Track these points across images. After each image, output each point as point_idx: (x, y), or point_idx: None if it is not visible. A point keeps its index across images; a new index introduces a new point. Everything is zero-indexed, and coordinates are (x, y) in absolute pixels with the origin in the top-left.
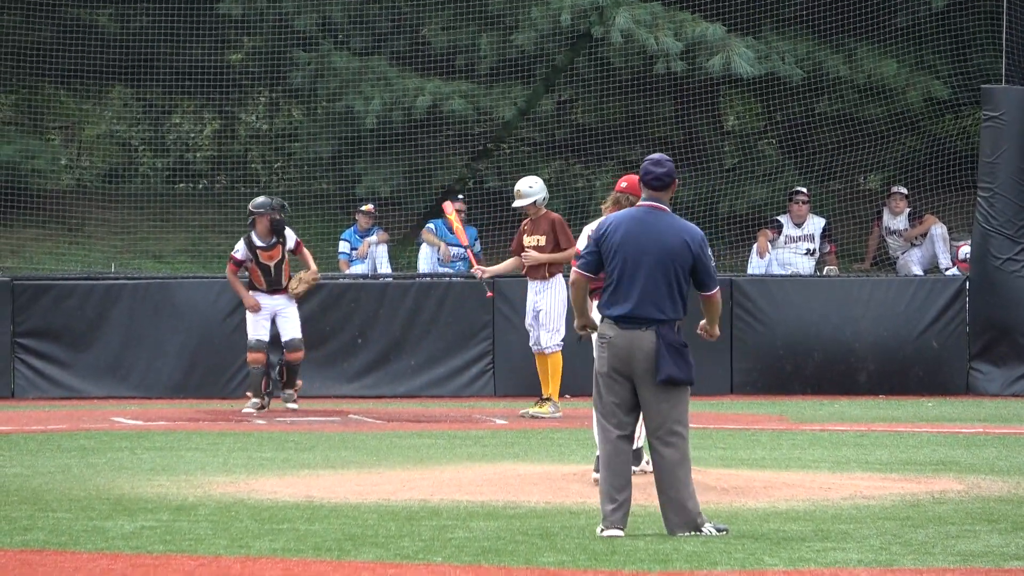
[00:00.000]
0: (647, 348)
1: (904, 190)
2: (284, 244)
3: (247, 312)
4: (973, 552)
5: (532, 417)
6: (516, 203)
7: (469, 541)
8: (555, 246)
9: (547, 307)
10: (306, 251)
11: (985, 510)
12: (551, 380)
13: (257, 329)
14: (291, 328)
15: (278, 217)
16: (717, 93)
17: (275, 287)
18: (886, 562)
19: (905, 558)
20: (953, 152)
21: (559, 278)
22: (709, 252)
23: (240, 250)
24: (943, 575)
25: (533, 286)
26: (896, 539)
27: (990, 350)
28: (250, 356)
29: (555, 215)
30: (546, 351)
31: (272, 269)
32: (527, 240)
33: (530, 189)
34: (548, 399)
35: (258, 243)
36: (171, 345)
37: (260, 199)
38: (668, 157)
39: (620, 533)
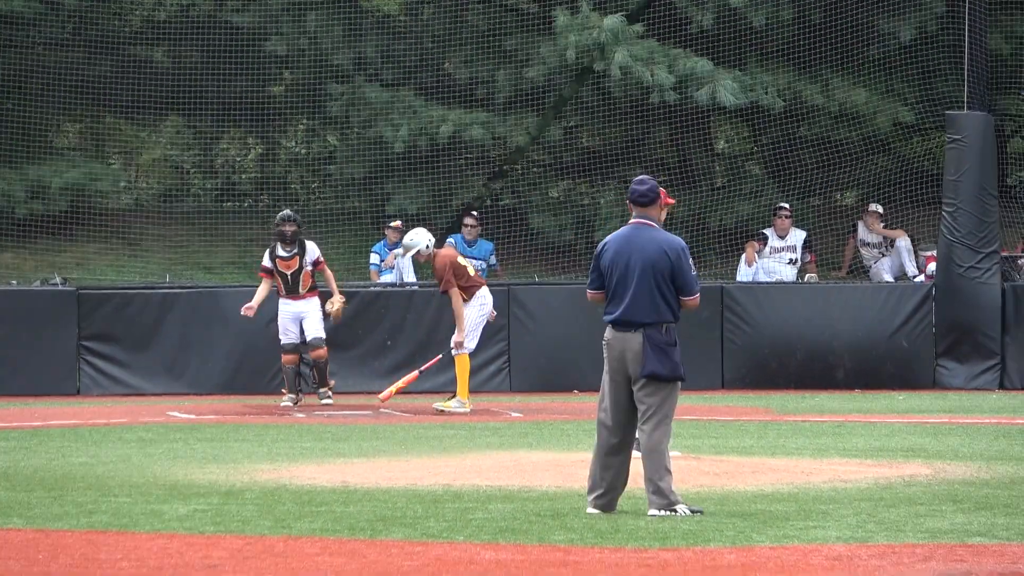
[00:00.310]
0: (636, 348)
1: (880, 209)
2: (302, 256)
3: (278, 319)
4: (940, 529)
5: (439, 411)
6: (407, 255)
7: (488, 521)
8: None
9: (465, 316)
10: (328, 272)
11: (950, 492)
12: (458, 379)
13: (287, 335)
14: (313, 329)
15: (297, 228)
16: (708, 120)
17: (293, 293)
18: (862, 538)
19: (879, 535)
20: (920, 171)
21: (477, 295)
22: (689, 261)
23: (266, 259)
24: (913, 550)
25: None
26: (871, 518)
27: (954, 349)
28: (284, 358)
29: (439, 258)
30: (452, 352)
31: (290, 277)
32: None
33: (410, 241)
34: (454, 395)
35: (279, 253)
36: (220, 347)
37: (284, 212)
38: (650, 176)
39: (598, 512)
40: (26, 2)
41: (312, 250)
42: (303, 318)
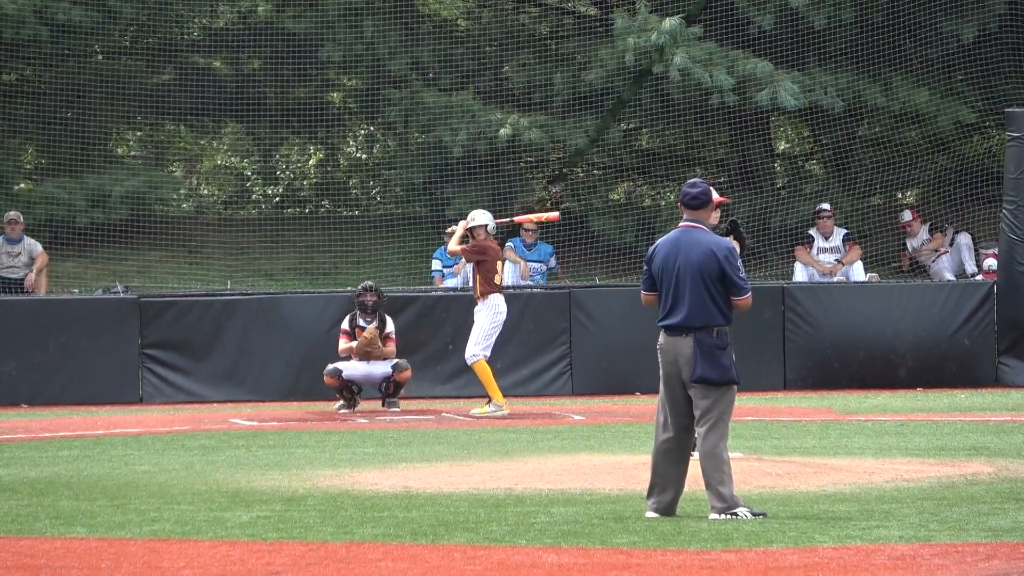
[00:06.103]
0: (687, 352)
1: (909, 216)
2: (382, 330)
3: (342, 353)
4: (1003, 528)
5: (475, 417)
6: (470, 224)
7: (550, 525)
8: (478, 266)
9: (478, 324)
10: (393, 348)
11: (1013, 490)
12: (485, 385)
13: (348, 368)
14: (392, 359)
15: (378, 299)
16: (767, 120)
17: (370, 359)
18: (925, 538)
19: (942, 534)
20: (980, 169)
21: (491, 300)
22: (738, 262)
23: (345, 323)
24: (976, 549)
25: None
26: (933, 517)
27: (1016, 346)
28: (326, 379)
29: (492, 242)
30: (467, 361)
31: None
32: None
33: (480, 216)
34: (489, 400)
35: (360, 322)
36: (281, 353)
37: (365, 282)
38: (703, 180)
39: (657, 516)
40: (85, 12)
41: (389, 325)
42: (376, 370)
